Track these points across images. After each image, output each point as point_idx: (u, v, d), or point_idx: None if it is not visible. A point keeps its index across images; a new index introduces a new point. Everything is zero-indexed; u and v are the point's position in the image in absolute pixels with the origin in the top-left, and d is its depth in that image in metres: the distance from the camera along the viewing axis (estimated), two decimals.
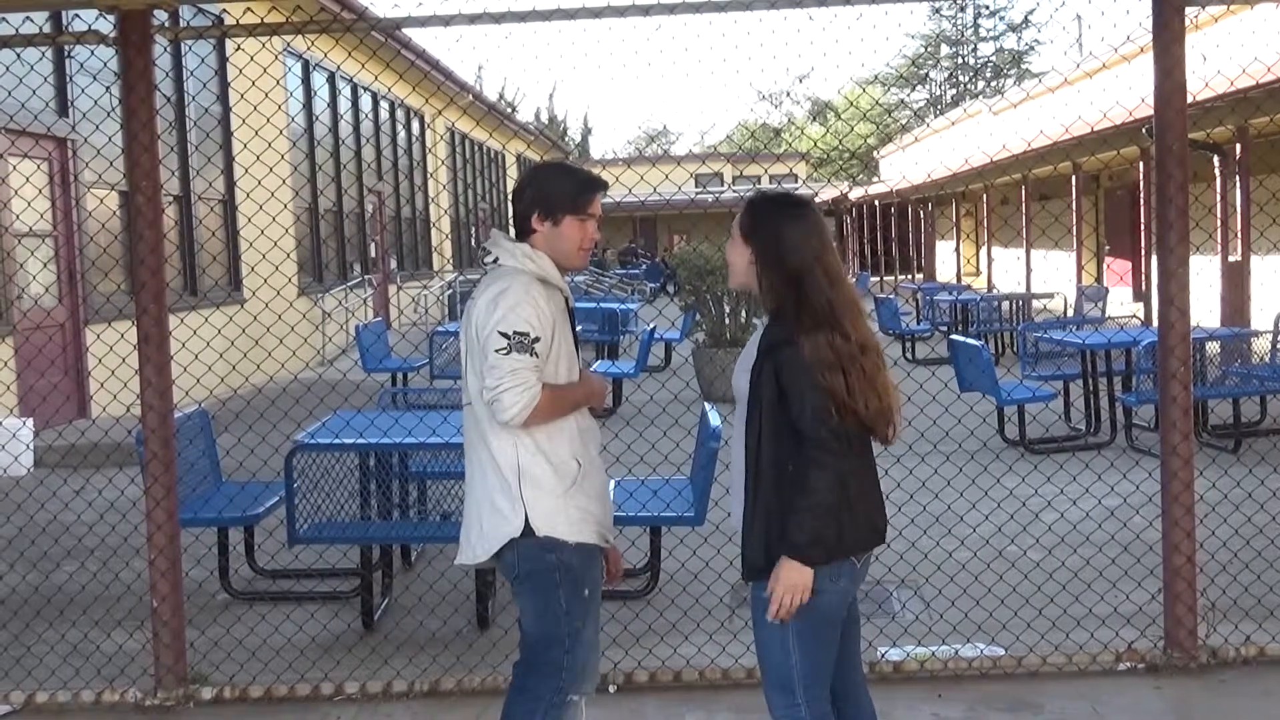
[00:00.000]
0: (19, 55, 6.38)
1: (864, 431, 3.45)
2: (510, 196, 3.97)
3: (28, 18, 5.85)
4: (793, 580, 3.41)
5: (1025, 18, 63.48)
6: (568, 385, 3.80)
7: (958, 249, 35.08)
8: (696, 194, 37.35)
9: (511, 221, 3.93)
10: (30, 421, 10.97)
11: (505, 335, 3.64)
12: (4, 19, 9.24)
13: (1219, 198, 16.71)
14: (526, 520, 3.72)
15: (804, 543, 3.39)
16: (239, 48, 14.02)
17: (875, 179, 48.18)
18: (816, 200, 3.84)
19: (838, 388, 3.36)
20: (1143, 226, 20.68)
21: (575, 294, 23.51)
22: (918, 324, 20.75)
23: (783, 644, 3.53)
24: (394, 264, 24.17)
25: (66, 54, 12.11)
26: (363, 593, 6.37)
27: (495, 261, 3.85)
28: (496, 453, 3.75)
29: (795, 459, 3.41)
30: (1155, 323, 5.45)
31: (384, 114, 23.90)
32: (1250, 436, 10.29)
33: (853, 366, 3.40)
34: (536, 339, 3.66)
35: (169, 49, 13.87)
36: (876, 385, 3.44)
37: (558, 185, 3.85)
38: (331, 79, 20.51)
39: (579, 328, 4.05)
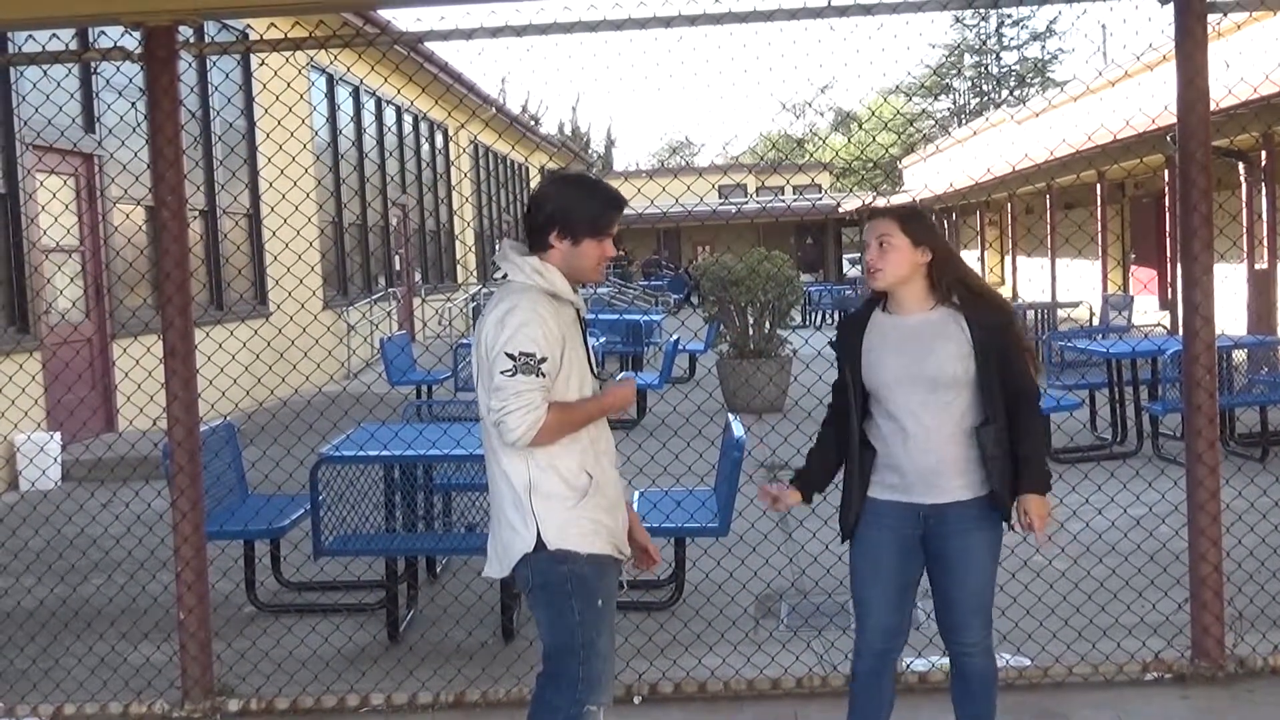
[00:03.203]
0: (46, 72, 6.42)
1: None
2: (526, 207, 3.92)
3: (54, 35, 5.89)
4: (1046, 509, 3.98)
5: (1048, 26, 63.29)
6: (578, 401, 3.78)
7: (982, 258, 34.99)
8: (719, 205, 37.33)
9: (524, 233, 3.89)
10: (58, 435, 11.05)
11: (511, 356, 3.63)
12: (31, 37, 9.33)
13: (1244, 205, 16.62)
14: (539, 534, 3.72)
15: (1048, 475, 4.00)
16: (263, 63, 14.09)
17: (899, 188, 48.12)
18: (839, 210, 4.16)
19: (1033, 349, 4.08)
20: (1168, 234, 20.59)
21: (598, 305, 23.38)
22: None
23: (995, 579, 4.10)
24: (418, 277, 24.24)
25: (93, 70, 12.21)
26: (388, 605, 6.38)
27: (504, 277, 3.83)
28: (508, 468, 3.76)
29: (1021, 414, 3.96)
30: (1181, 331, 5.43)
31: (407, 127, 23.98)
32: (1277, 445, 10.22)
33: None
34: (543, 359, 3.65)
35: (194, 64, 13.95)
36: None
37: (579, 205, 3.81)
38: (355, 93, 20.59)
39: (602, 339, 4.08)
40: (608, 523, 3.82)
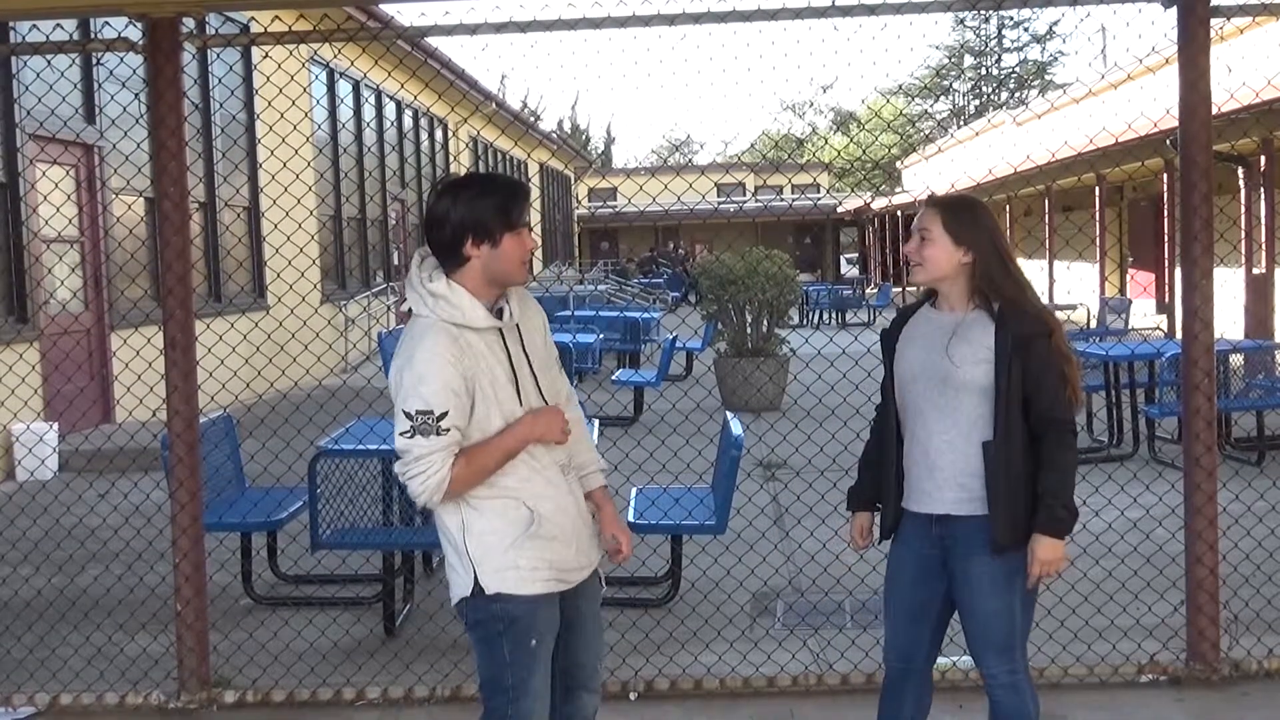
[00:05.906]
0: (49, 62, 6.43)
1: None
2: (427, 225, 3.57)
3: (58, 25, 5.90)
4: (1054, 555, 3.72)
5: (1049, 29, 63.22)
6: (494, 439, 3.50)
7: None
8: (720, 203, 37.34)
9: (433, 253, 3.56)
10: (56, 426, 11.05)
11: (409, 415, 3.44)
12: (35, 26, 9.32)
13: (1243, 210, 16.64)
14: (475, 578, 3.54)
15: (1066, 518, 3.72)
16: (266, 55, 14.11)
17: (898, 189, 48.13)
18: (839, 210, 3.98)
19: (1076, 376, 3.74)
20: (1166, 238, 20.61)
21: (598, 303, 23.21)
22: None
23: (1013, 611, 3.82)
24: None
25: (95, 61, 12.20)
26: (385, 598, 6.39)
27: (410, 311, 3.58)
28: (440, 510, 3.57)
29: (1046, 444, 3.71)
30: (1179, 334, 5.44)
31: (408, 122, 23.99)
32: (1274, 449, 10.23)
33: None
34: (444, 414, 3.42)
35: (195, 56, 13.94)
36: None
37: (484, 203, 3.52)
38: (356, 87, 20.60)
39: (600, 336, 3.95)
40: (550, 557, 3.58)
